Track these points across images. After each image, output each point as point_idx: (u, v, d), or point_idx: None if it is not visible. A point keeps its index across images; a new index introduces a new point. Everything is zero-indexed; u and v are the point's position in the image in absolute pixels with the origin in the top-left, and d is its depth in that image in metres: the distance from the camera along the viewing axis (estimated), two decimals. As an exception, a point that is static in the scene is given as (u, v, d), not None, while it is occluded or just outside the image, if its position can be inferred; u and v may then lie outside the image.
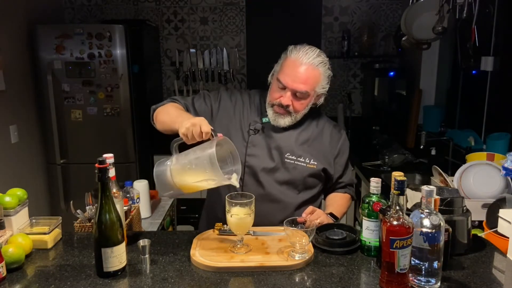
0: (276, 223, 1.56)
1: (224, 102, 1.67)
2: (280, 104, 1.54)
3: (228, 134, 1.58)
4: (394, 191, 1.12)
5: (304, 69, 1.51)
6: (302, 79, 1.51)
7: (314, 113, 1.69)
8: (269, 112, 1.59)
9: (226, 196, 1.34)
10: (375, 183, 1.32)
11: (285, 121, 1.58)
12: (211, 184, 1.32)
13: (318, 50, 1.57)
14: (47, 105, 3.10)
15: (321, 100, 1.65)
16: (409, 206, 1.41)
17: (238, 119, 1.64)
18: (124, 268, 1.25)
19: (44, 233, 1.42)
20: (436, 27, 2.22)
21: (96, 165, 1.18)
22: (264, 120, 1.61)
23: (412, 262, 1.14)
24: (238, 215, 1.32)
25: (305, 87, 1.52)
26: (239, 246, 1.35)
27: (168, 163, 1.36)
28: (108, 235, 1.21)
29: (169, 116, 1.52)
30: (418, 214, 1.14)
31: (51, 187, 3.30)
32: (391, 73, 3.61)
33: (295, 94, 1.53)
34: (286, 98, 1.53)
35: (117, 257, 1.22)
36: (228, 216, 1.33)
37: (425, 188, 1.13)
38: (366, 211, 1.32)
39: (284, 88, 1.53)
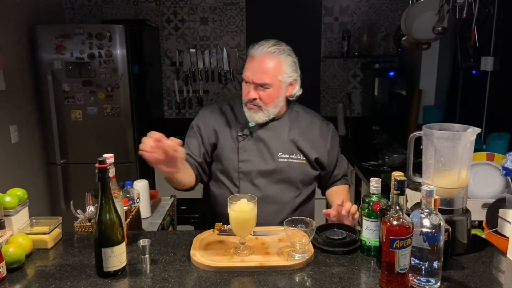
0: (276, 225, 1.56)
1: (206, 120, 1.69)
2: (250, 100, 1.58)
3: (222, 145, 1.64)
4: (394, 191, 1.12)
5: (260, 60, 1.55)
6: (259, 69, 1.55)
7: (300, 109, 1.73)
8: (245, 110, 1.62)
9: (229, 198, 1.34)
10: (375, 183, 1.32)
11: (259, 116, 1.60)
12: None
13: (275, 40, 1.61)
14: (47, 105, 3.10)
15: (296, 90, 1.67)
16: (409, 206, 1.41)
17: (227, 129, 1.66)
18: (124, 268, 1.25)
19: (44, 233, 1.42)
20: (436, 27, 2.23)
21: (96, 165, 1.18)
22: (250, 125, 1.64)
23: (412, 262, 1.14)
24: (240, 215, 1.32)
25: (264, 77, 1.55)
26: (241, 248, 1.35)
27: None
28: (108, 235, 1.21)
29: None
30: (418, 214, 1.14)
31: (51, 187, 3.30)
32: (391, 73, 3.61)
33: (260, 86, 1.56)
34: (252, 92, 1.57)
35: (117, 257, 1.22)
36: (230, 216, 1.34)
37: (425, 188, 1.13)
38: (366, 211, 1.32)
39: (248, 83, 1.58)
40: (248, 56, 1.61)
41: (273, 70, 1.56)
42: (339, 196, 1.72)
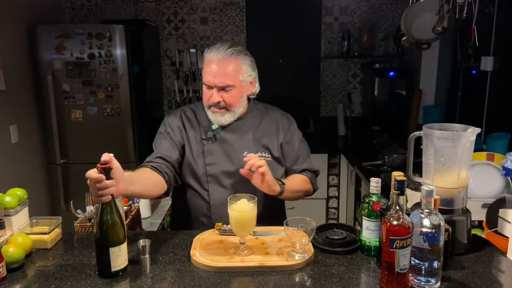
0: None
1: (173, 126, 1.68)
2: (213, 104, 1.58)
3: (189, 149, 1.65)
4: (394, 191, 1.12)
5: (220, 63, 1.55)
6: (221, 72, 1.55)
7: (260, 107, 1.74)
8: (209, 114, 1.63)
9: (229, 198, 1.35)
10: (375, 183, 1.32)
11: (225, 118, 1.61)
12: None
13: (230, 42, 1.61)
14: (47, 105, 3.10)
15: (256, 88, 1.69)
16: (409, 206, 1.41)
17: (192, 133, 1.67)
18: (126, 267, 1.26)
19: (44, 233, 1.42)
20: (436, 27, 2.22)
21: (98, 165, 1.18)
22: (213, 127, 1.65)
23: (412, 262, 1.15)
24: (240, 215, 1.32)
25: (226, 79, 1.56)
26: (241, 248, 1.35)
27: None
28: (115, 234, 1.22)
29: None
30: (418, 214, 1.14)
31: (51, 187, 3.30)
32: (391, 73, 3.61)
33: (222, 89, 1.57)
34: (215, 95, 1.57)
35: (123, 255, 1.24)
36: (230, 216, 1.34)
37: (425, 188, 1.13)
38: (366, 211, 1.32)
39: (210, 87, 1.58)
40: (206, 60, 1.59)
41: (234, 71, 1.57)
42: (289, 178, 1.67)
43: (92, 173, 1.18)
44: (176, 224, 1.83)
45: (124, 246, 1.24)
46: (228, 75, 1.55)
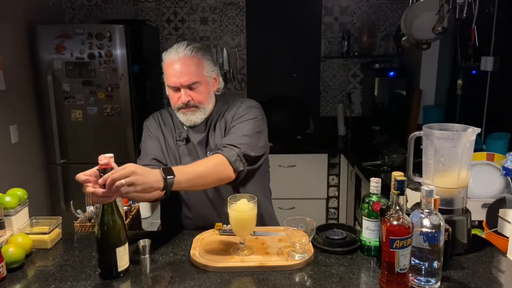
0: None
1: (152, 128, 1.69)
2: (183, 105, 1.58)
3: (168, 151, 1.65)
4: (394, 191, 1.12)
5: (182, 63, 1.55)
6: (184, 71, 1.54)
7: (227, 101, 1.71)
8: (180, 116, 1.62)
9: (229, 198, 1.34)
10: (375, 183, 1.32)
11: (197, 116, 1.60)
12: None
13: (186, 42, 1.60)
14: (47, 105, 3.10)
15: (221, 84, 1.69)
16: (409, 206, 1.41)
17: (170, 136, 1.68)
18: (128, 267, 1.26)
19: (44, 233, 1.42)
20: (436, 27, 2.23)
21: (100, 166, 1.18)
22: (185, 128, 1.65)
23: (412, 262, 1.15)
24: (240, 215, 1.32)
25: (192, 77, 1.55)
26: (241, 248, 1.35)
27: None
28: (119, 234, 1.22)
29: None
30: (418, 214, 1.14)
31: (51, 187, 3.30)
32: (391, 73, 3.61)
33: (189, 88, 1.56)
34: (183, 96, 1.57)
35: (127, 254, 1.24)
36: (230, 216, 1.34)
37: (425, 188, 1.13)
38: (366, 211, 1.32)
39: (176, 88, 1.57)
40: (165, 63, 1.58)
41: (197, 68, 1.56)
42: (190, 166, 1.45)
43: (81, 175, 1.19)
44: (165, 228, 1.83)
45: (127, 246, 1.24)
46: (192, 73, 1.55)
